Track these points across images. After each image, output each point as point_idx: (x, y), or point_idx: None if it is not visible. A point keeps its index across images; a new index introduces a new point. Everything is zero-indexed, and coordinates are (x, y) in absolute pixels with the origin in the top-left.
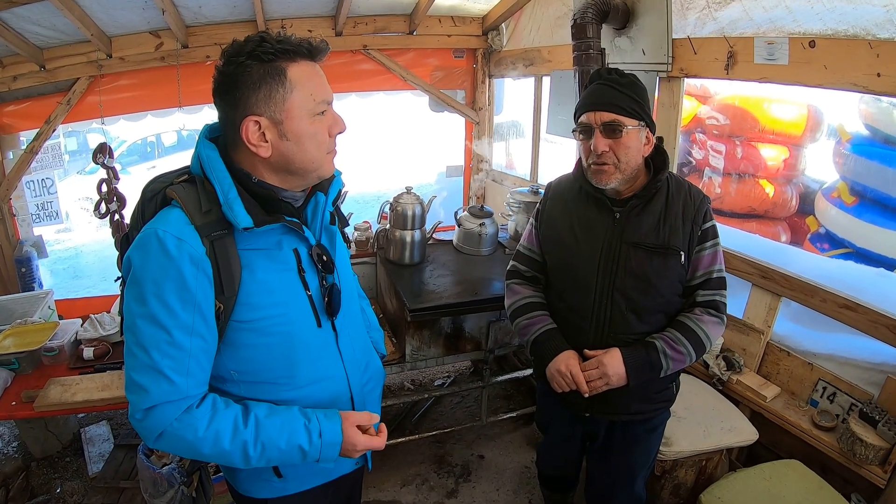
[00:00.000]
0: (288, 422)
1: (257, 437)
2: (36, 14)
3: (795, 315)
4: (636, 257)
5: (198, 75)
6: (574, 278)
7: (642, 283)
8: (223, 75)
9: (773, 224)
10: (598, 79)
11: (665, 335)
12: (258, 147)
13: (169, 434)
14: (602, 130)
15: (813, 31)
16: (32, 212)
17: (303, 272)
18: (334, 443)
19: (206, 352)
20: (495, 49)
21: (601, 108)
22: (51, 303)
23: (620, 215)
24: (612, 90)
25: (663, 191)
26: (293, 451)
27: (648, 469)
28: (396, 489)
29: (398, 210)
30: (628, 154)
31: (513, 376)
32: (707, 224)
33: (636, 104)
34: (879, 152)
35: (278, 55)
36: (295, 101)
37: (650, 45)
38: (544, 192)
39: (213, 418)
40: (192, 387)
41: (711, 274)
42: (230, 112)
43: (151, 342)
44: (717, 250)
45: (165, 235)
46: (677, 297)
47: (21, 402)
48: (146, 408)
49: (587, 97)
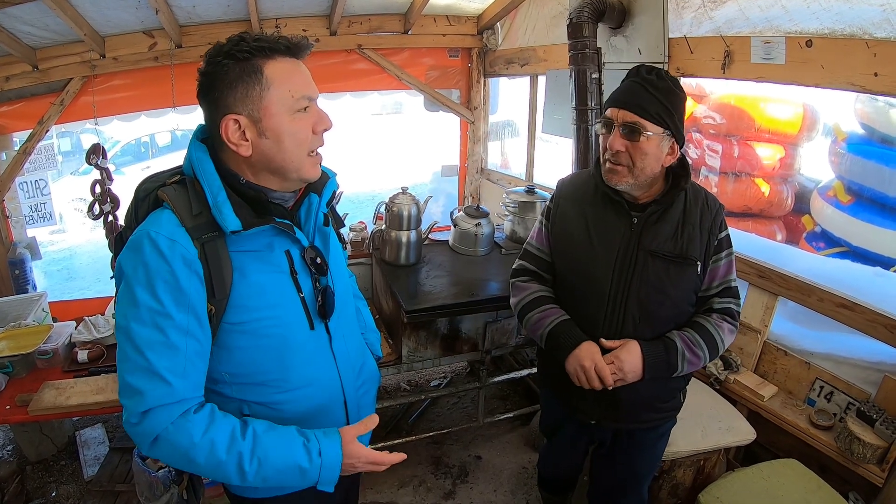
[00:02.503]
0: (286, 440)
1: (254, 452)
2: (28, 14)
3: (792, 314)
4: (653, 266)
5: (192, 75)
6: (587, 284)
7: (658, 293)
8: (203, 76)
9: (768, 223)
10: (636, 76)
11: (685, 336)
12: (238, 146)
13: (164, 439)
14: (621, 129)
15: (809, 30)
16: (26, 213)
17: (295, 274)
18: (334, 463)
19: (200, 354)
20: (490, 48)
21: (626, 106)
22: (45, 305)
23: (638, 221)
24: (645, 91)
25: (681, 198)
26: (292, 471)
27: (653, 475)
28: (394, 491)
29: (394, 210)
30: (645, 160)
31: (509, 377)
32: (723, 233)
33: (665, 111)
34: (877, 151)
35: (254, 52)
36: (272, 98)
37: (646, 45)
38: (555, 190)
39: (211, 426)
40: (188, 389)
41: (728, 283)
42: (212, 112)
43: (146, 343)
44: (732, 260)
45: (158, 237)
46: (689, 308)
47: (15, 406)
48: (142, 411)
49: (618, 92)
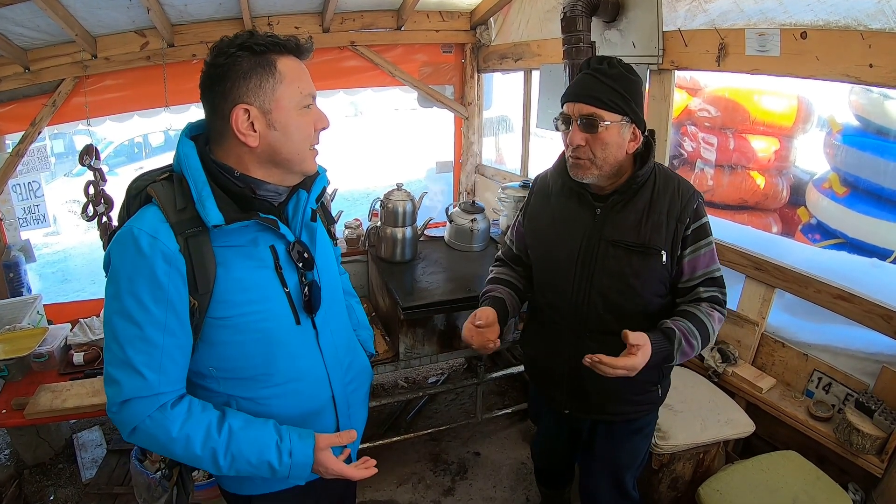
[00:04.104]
0: (261, 437)
1: (228, 448)
2: (19, 15)
3: (789, 306)
4: (615, 256)
5: (184, 74)
6: (553, 275)
7: (620, 284)
8: (213, 67)
9: (764, 216)
10: (587, 68)
11: (681, 328)
12: (246, 136)
13: (141, 431)
14: (580, 123)
15: (804, 22)
16: (19, 216)
17: (280, 269)
18: (304, 464)
19: (179, 348)
20: (484, 44)
21: (581, 99)
22: (39, 308)
23: (601, 211)
24: (597, 81)
25: (649, 186)
26: (263, 467)
27: (638, 469)
28: (393, 488)
29: (389, 207)
30: (606, 150)
31: (507, 372)
32: (698, 223)
33: (620, 98)
34: (872, 143)
35: (269, 47)
36: (284, 92)
37: (640, 38)
38: (531, 186)
39: (187, 422)
40: (164, 384)
41: (712, 273)
42: (219, 103)
43: (125, 338)
44: (713, 249)
45: (140, 233)
46: (658, 299)
47: (11, 409)
48: (120, 402)
49: (571, 87)
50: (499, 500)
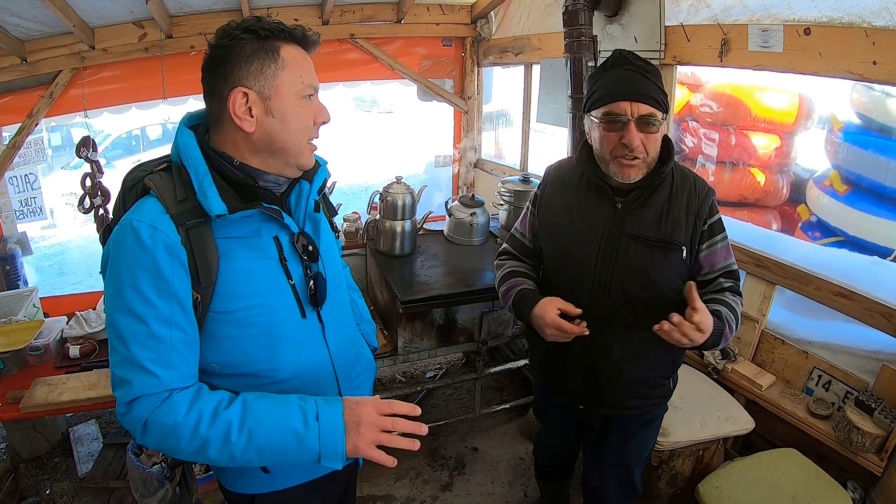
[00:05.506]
0: (280, 403)
1: (244, 420)
2: (17, 5)
3: (790, 303)
4: (636, 251)
5: (182, 66)
6: (571, 269)
7: (641, 278)
8: (217, 48)
9: (764, 212)
10: (626, 64)
11: (723, 311)
12: (243, 120)
13: (152, 422)
14: (637, 123)
15: (808, 18)
16: (16, 208)
17: (284, 261)
18: (335, 426)
19: (187, 343)
20: (484, 37)
21: (639, 98)
22: (36, 300)
23: (622, 206)
24: (645, 79)
25: (667, 182)
26: (287, 437)
27: (644, 462)
28: (390, 483)
29: (388, 200)
30: (655, 148)
31: (506, 367)
32: (713, 218)
33: (664, 95)
34: (873, 141)
35: (274, 33)
36: (285, 79)
37: (642, 33)
38: (543, 177)
39: (196, 401)
40: (175, 380)
41: (730, 266)
42: (219, 85)
43: (130, 335)
44: (728, 243)
45: (140, 225)
46: (675, 294)
47: (7, 403)
48: (128, 400)
49: (619, 84)
50: (497, 496)
